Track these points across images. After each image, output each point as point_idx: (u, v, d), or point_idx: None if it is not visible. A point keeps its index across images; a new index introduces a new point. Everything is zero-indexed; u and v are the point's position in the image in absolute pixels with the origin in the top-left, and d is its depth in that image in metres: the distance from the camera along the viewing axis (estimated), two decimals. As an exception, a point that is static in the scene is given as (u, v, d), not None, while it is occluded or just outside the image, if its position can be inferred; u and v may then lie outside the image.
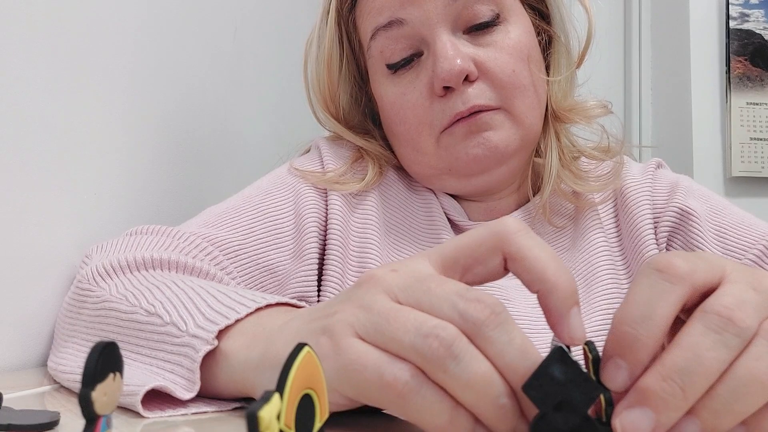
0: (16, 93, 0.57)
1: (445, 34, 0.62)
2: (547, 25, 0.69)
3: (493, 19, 0.63)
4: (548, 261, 0.32)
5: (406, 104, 0.64)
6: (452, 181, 0.66)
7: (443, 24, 0.62)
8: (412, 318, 0.31)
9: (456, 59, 0.60)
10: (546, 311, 0.32)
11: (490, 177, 0.65)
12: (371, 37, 0.65)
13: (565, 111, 0.68)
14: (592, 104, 0.70)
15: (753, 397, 0.29)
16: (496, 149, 0.62)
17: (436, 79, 0.61)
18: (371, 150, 0.70)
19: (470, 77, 0.61)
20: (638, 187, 0.68)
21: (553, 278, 0.31)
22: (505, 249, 0.33)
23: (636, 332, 0.29)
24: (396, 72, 0.65)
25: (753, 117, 1.67)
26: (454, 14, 0.62)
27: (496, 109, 0.62)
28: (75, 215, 0.64)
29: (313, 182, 0.66)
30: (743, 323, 0.29)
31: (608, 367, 0.30)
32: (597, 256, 0.66)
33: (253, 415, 0.21)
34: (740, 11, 1.68)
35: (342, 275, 0.64)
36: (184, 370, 0.40)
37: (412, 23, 0.62)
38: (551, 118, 0.68)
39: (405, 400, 0.30)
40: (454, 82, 0.61)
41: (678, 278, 0.30)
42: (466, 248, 0.34)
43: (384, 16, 0.64)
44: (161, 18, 0.81)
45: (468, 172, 0.64)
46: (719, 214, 0.67)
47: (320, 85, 0.70)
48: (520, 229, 0.33)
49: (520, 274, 0.32)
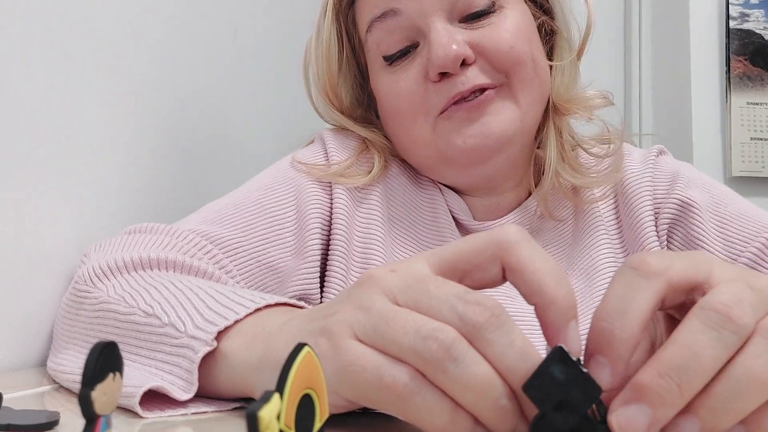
0: (16, 93, 0.57)
1: (439, 23, 0.61)
2: (547, 16, 0.68)
3: (489, 6, 0.63)
4: (547, 274, 0.31)
5: (400, 92, 0.64)
6: (451, 171, 0.66)
7: (438, 13, 0.61)
8: (411, 320, 0.31)
9: (451, 45, 0.60)
10: (543, 325, 0.31)
11: (490, 167, 0.64)
12: (367, 30, 0.65)
13: (565, 102, 0.68)
14: (591, 94, 0.70)
15: (752, 396, 0.29)
16: (494, 136, 0.61)
17: (431, 66, 0.61)
18: (376, 141, 0.69)
19: (467, 60, 0.61)
20: (638, 178, 0.67)
21: (551, 292, 0.31)
22: (505, 259, 0.32)
23: (612, 327, 0.29)
24: (392, 64, 0.65)
25: (753, 117, 1.67)
26: (449, 4, 0.62)
27: (496, 87, 0.61)
28: (75, 215, 0.64)
29: (317, 176, 0.65)
30: (741, 321, 0.29)
31: (590, 366, 0.30)
32: (598, 251, 0.66)
33: (253, 415, 0.21)
34: (740, 11, 1.68)
35: (346, 271, 0.63)
36: (182, 371, 0.40)
37: (407, 14, 0.62)
38: (551, 111, 0.68)
39: (404, 401, 0.30)
40: (450, 67, 0.60)
41: (651, 273, 0.31)
42: (466, 255, 0.33)
43: (379, 8, 0.63)
44: (161, 18, 0.81)
45: (467, 162, 0.64)
46: (721, 205, 0.66)
47: (321, 79, 0.70)
48: (521, 240, 0.33)
49: (518, 285, 0.32)
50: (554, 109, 0.68)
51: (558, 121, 0.68)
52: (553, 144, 0.66)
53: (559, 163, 0.66)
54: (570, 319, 0.31)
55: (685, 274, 0.31)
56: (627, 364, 0.30)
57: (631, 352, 0.30)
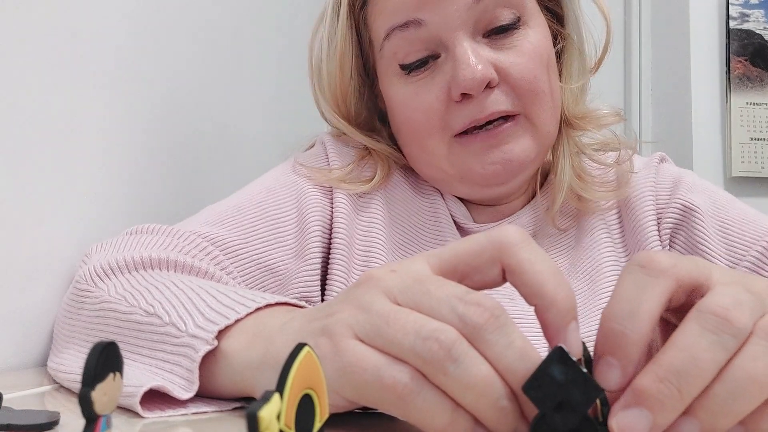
0: (16, 93, 0.57)
1: (466, 40, 0.60)
2: (562, 27, 0.67)
3: (514, 22, 0.61)
4: (547, 276, 0.31)
5: (419, 105, 0.62)
6: (464, 187, 0.65)
7: (463, 27, 0.60)
8: (412, 320, 0.31)
9: (478, 66, 0.58)
10: (543, 326, 0.31)
11: (506, 188, 0.65)
12: (385, 37, 0.63)
13: (578, 119, 0.67)
14: (605, 112, 0.69)
15: (751, 397, 0.29)
16: (515, 162, 0.61)
17: (455, 86, 0.59)
18: (379, 150, 0.68)
19: (491, 84, 0.59)
20: (641, 183, 0.68)
21: (551, 294, 0.31)
22: (504, 261, 0.32)
23: (623, 328, 0.29)
24: (410, 73, 0.63)
25: (753, 117, 1.67)
26: (474, 18, 0.60)
27: (515, 116, 0.61)
28: (75, 215, 0.64)
29: (318, 181, 0.65)
30: (739, 323, 0.29)
31: (600, 366, 0.30)
32: (601, 254, 0.66)
33: (253, 415, 0.21)
34: (740, 11, 1.68)
35: (347, 275, 0.63)
36: (183, 370, 0.40)
37: (430, 25, 0.60)
38: (564, 125, 0.67)
39: (405, 402, 0.30)
40: (475, 90, 0.59)
41: (660, 272, 0.31)
42: (465, 256, 0.33)
43: (400, 16, 0.61)
44: (161, 18, 0.81)
45: (483, 183, 0.63)
46: (722, 209, 0.66)
47: (330, 83, 0.68)
48: (520, 241, 0.32)
49: (518, 287, 0.32)
50: (566, 123, 0.67)
51: (570, 135, 0.67)
52: (567, 160, 0.66)
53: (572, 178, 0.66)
54: (570, 320, 0.31)
55: (690, 273, 0.31)
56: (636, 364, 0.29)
57: (641, 353, 0.29)
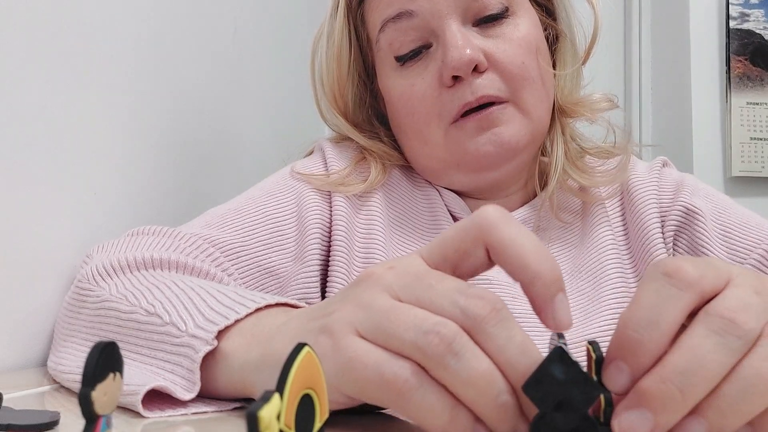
0: (16, 93, 0.57)
1: (454, 25, 0.62)
2: (553, 21, 0.69)
3: (503, 11, 0.64)
4: (529, 249, 0.31)
5: (414, 95, 0.64)
6: (460, 176, 0.66)
7: (453, 15, 0.62)
8: (413, 315, 0.31)
9: (465, 48, 0.60)
10: (531, 300, 0.31)
11: (499, 173, 0.65)
12: (380, 30, 0.65)
13: (571, 105, 0.69)
14: (597, 98, 0.70)
15: (760, 397, 0.29)
16: (507, 145, 0.62)
17: (445, 69, 0.61)
18: (375, 150, 0.70)
19: (479, 68, 0.61)
20: (644, 185, 0.68)
21: (535, 266, 0.31)
22: (486, 240, 0.32)
23: (641, 337, 0.29)
24: (404, 64, 0.65)
25: (753, 117, 1.67)
26: (463, 6, 0.62)
27: (504, 102, 0.62)
28: (75, 215, 0.64)
29: (316, 185, 0.66)
30: (747, 326, 0.29)
31: (610, 369, 0.30)
32: (605, 253, 0.66)
33: (253, 415, 0.21)
34: (740, 11, 1.68)
35: (348, 277, 0.64)
36: (183, 371, 0.40)
37: (421, 15, 0.63)
38: (557, 113, 0.68)
39: (405, 398, 0.30)
40: (463, 71, 0.61)
41: (686, 284, 0.30)
42: (451, 242, 0.33)
43: (393, 8, 0.64)
44: (161, 18, 0.81)
45: (477, 167, 0.64)
46: (724, 213, 0.67)
47: (329, 80, 0.70)
48: (499, 218, 0.32)
49: (503, 264, 0.32)
50: (560, 111, 0.69)
51: (563, 122, 0.69)
52: (560, 144, 0.67)
53: (565, 163, 0.67)
54: (556, 291, 0.31)
55: (713, 284, 0.31)
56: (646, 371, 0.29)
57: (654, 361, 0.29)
